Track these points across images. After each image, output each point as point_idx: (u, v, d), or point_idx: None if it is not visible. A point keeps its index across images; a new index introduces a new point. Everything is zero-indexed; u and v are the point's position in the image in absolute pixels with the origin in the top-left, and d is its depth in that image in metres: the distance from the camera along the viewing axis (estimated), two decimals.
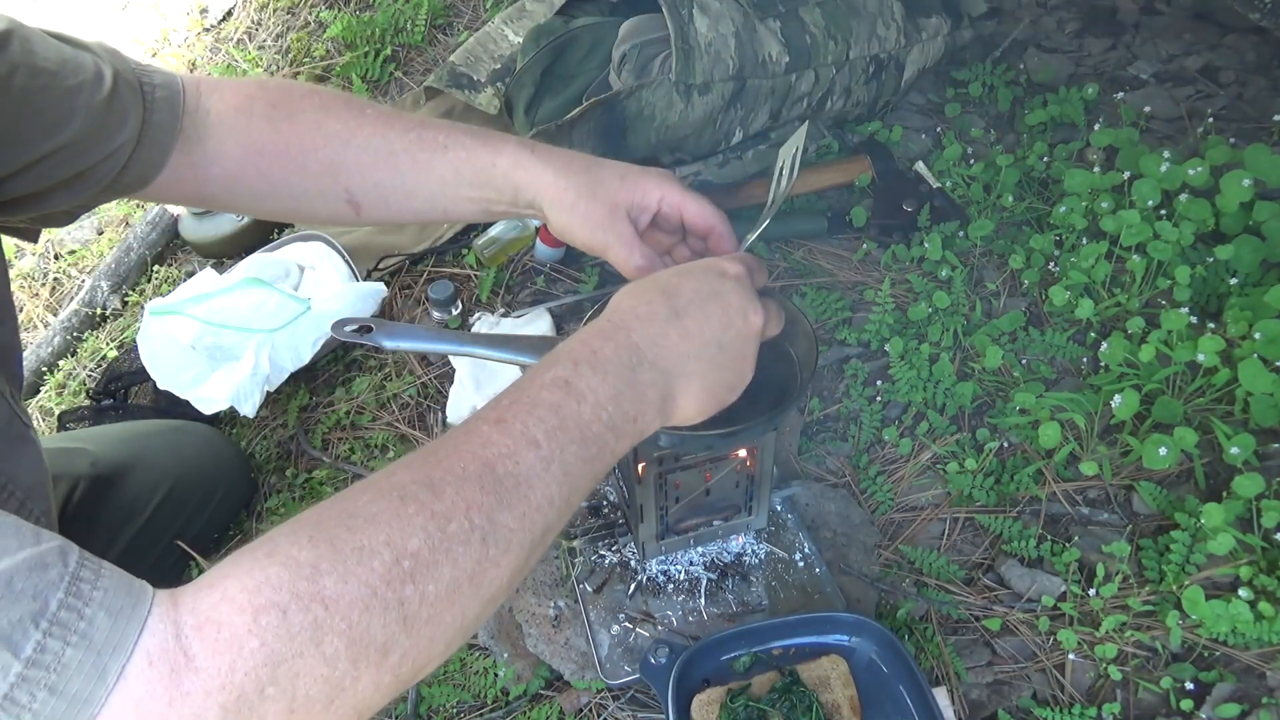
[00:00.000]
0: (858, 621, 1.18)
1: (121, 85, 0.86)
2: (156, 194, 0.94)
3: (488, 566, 0.59)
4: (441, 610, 0.57)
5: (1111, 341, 1.42)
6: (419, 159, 0.91)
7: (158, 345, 1.63)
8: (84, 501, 1.31)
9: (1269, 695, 1.14)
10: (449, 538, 0.58)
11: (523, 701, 1.24)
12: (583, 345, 0.69)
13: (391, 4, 2.44)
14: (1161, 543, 1.28)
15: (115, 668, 0.49)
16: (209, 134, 0.91)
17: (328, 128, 0.92)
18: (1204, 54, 1.99)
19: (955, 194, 1.80)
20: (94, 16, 2.97)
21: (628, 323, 0.72)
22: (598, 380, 0.67)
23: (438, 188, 0.92)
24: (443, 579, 0.57)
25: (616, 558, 1.34)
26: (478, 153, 0.91)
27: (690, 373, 0.73)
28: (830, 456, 1.47)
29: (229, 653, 0.51)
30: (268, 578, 0.53)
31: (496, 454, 0.62)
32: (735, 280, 0.77)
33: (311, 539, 0.55)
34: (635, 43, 1.66)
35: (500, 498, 0.60)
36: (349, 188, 0.93)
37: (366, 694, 0.56)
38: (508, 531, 0.60)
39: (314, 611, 0.53)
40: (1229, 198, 1.51)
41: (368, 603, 0.54)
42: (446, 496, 0.59)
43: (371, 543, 0.56)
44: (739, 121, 1.74)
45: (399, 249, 1.87)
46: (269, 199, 0.96)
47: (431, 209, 0.94)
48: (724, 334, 0.75)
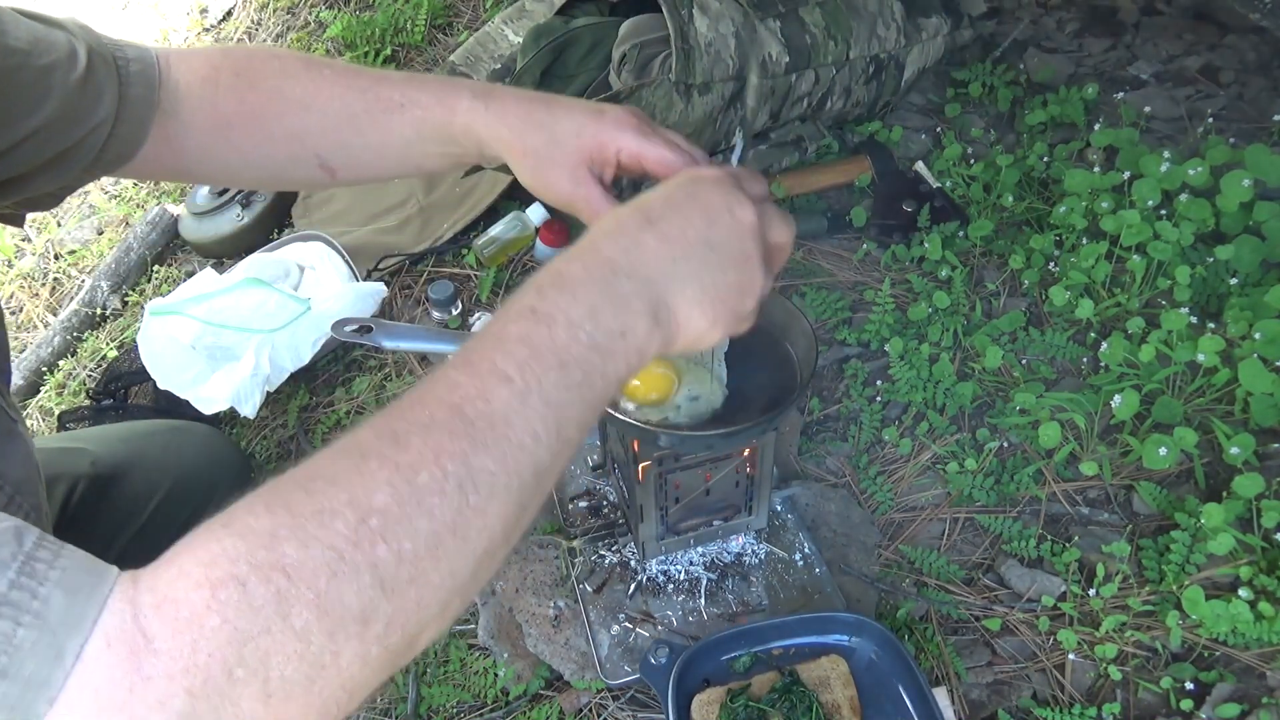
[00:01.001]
0: (858, 621, 1.18)
1: (96, 61, 0.85)
2: (139, 170, 0.92)
3: (471, 516, 0.54)
4: (425, 569, 0.53)
5: (1111, 341, 1.42)
6: (379, 120, 0.89)
7: (158, 345, 1.63)
8: (84, 501, 1.31)
9: (1269, 695, 1.14)
10: (419, 490, 0.53)
11: (523, 701, 1.24)
12: (547, 271, 0.63)
13: (391, 4, 2.44)
14: (1161, 543, 1.28)
15: (72, 648, 0.46)
16: (180, 106, 0.90)
17: (288, 93, 0.90)
18: (1204, 54, 1.99)
19: (955, 194, 1.80)
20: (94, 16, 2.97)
21: (596, 241, 0.65)
22: (567, 300, 0.60)
23: (403, 146, 0.90)
24: (419, 535, 0.52)
25: (616, 558, 1.34)
26: (433, 110, 0.88)
27: (681, 277, 0.65)
28: (830, 456, 1.46)
29: (189, 632, 0.47)
30: (224, 550, 0.49)
31: (464, 396, 0.56)
32: (712, 181, 0.69)
33: (268, 506, 0.52)
34: (635, 43, 1.66)
35: (474, 441, 0.55)
36: (318, 152, 0.92)
37: (353, 670, 0.51)
38: (489, 475, 0.55)
39: (276, 582, 0.49)
40: (1229, 198, 1.51)
41: (334, 568, 0.50)
42: (412, 447, 0.54)
43: (332, 504, 0.51)
44: (739, 121, 1.74)
45: (399, 249, 1.87)
46: (244, 169, 0.95)
47: (403, 165, 0.93)
48: (711, 232, 0.67)
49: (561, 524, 1.39)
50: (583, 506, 1.41)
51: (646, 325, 0.63)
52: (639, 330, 0.62)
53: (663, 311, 0.64)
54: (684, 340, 0.67)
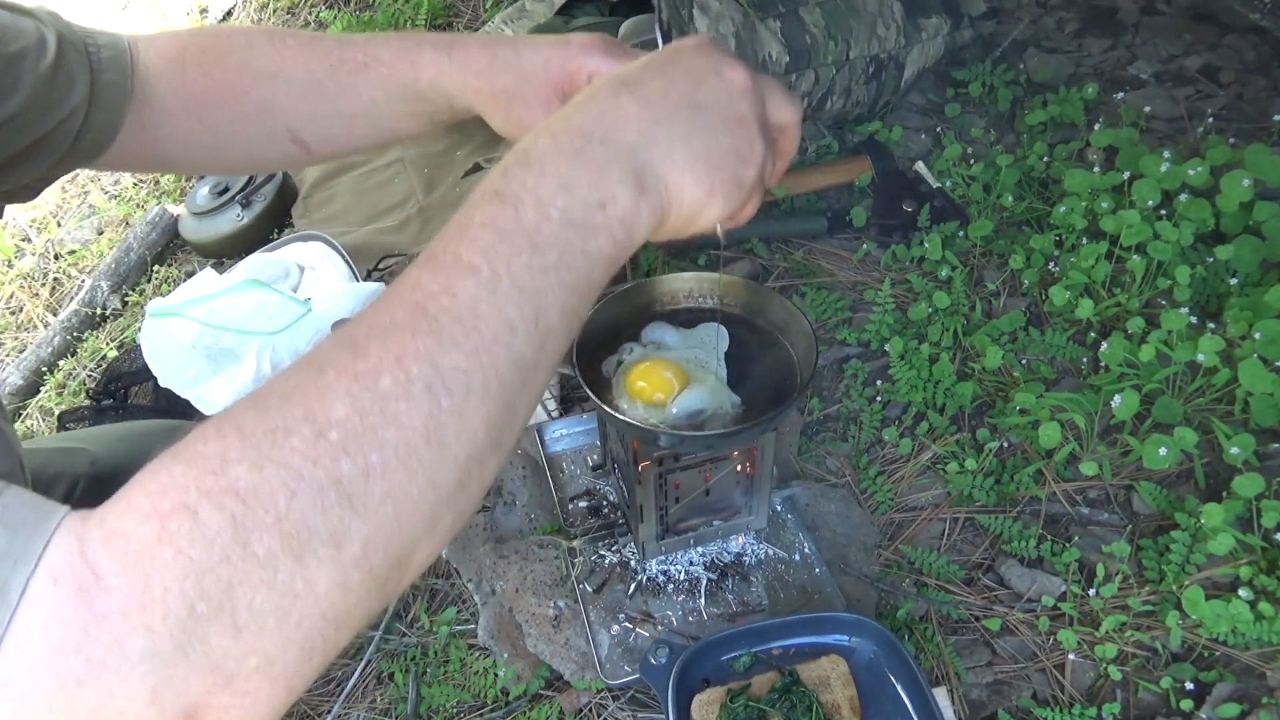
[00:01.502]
0: (858, 621, 1.18)
1: (67, 48, 0.83)
2: (116, 160, 0.91)
3: (446, 419, 0.50)
4: (399, 482, 0.48)
5: (1111, 341, 1.42)
6: (344, 83, 0.87)
7: (160, 343, 1.63)
8: (84, 501, 1.29)
9: (1269, 695, 1.14)
10: (382, 397, 0.48)
11: (523, 701, 1.24)
12: (514, 151, 0.57)
13: (391, 4, 2.44)
14: (1161, 543, 1.28)
15: (17, 583, 0.43)
16: (151, 90, 0.89)
17: (254, 66, 0.88)
18: (1204, 54, 1.99)
19: (955, 194, 1.80)
20: (94, 16, 2.97)
21: (566, 113, 0.58)
22: (534, 176, 0.55)
23: (371, 109, 0.87)
24: (387, 445, 0.48)
25: (616, 558, 1.34)
26: (397, 68, 0.85)
27: (666, 139, 0.59)
28: (830, 456, 1.46)
29: (139, 566, 0.44)
30: (172, 478, 0.47)
31: (427, 293, 0.52)
32: (695, 45, 0.63)
33: (218, 430, 0.48)
34: (635, 43, 1.66)
35: (440, 338, 0.50)
36: (289, 125, 0.90)
37: (333, 597, 0.47)
38: (461, 374, 0.50)
39: (229, 508, 0.45)
40: (1229, 198, 1.51)
41: (293, 487, 0.46)
42: (372, 353, 0.49)
43: (286, 420, 0.47)
44: None
45: (399, 249, 1.87)
46: (219, 151, 0.93)
47: (377, 132, 0.90)
48: (698, 92, 0.60)
49: (561, 524, 1.39)
50: (583, 506, 1.41)
51: (630, 194, 0.57)
52: (621, 200, 0.56)
53: (649, 178, 0.58)
54: (681, 212, 0.61)
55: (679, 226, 0.62)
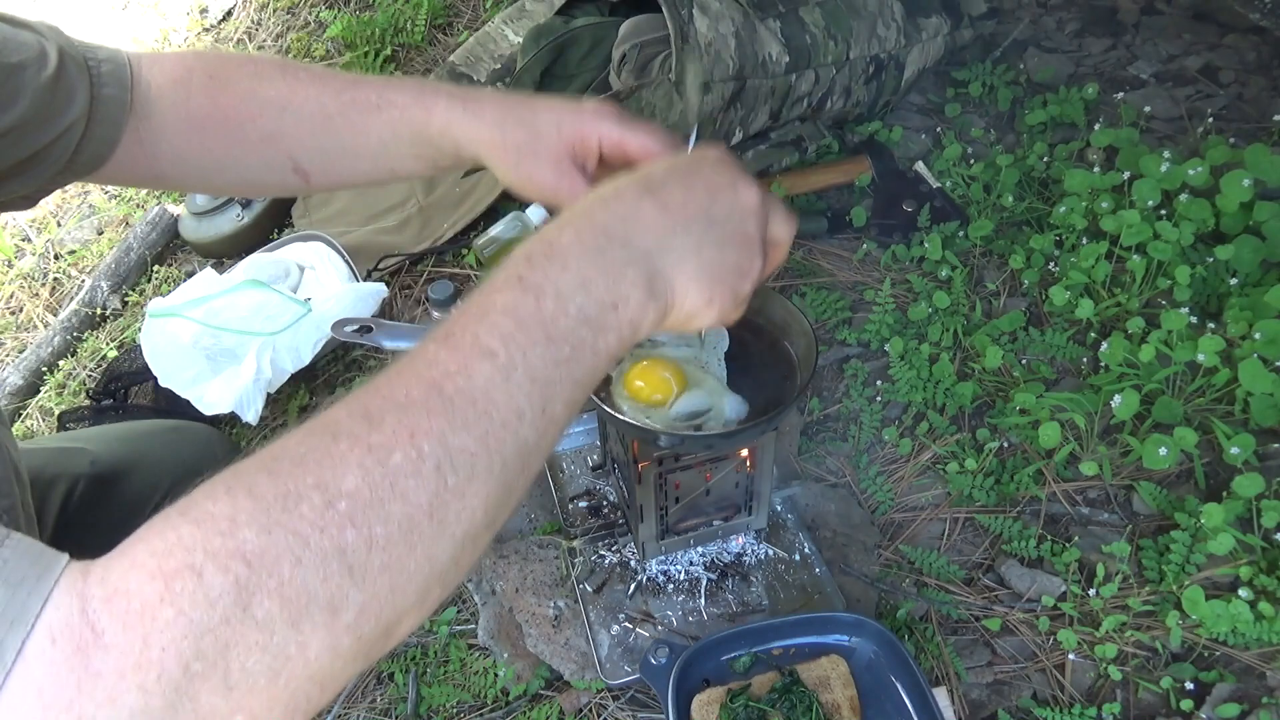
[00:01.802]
0: (858, 621, 1.18)
1: (67, 61, 0.84)
2: (114, 175, 0.91)
3: (450, 498, 0.51)
4: (399, 555, 0.50)
5: (1111, 341, 1.42)
6: (355, 121, 0.87)
7: (160, 343, 1.63)
8: (84, 501, 1.31)
9: (1269, 695, 1.14)
10: (392, 472, 0.50)
11: (523, 701, 1.24)
12: (538, 240, 0.59)
13: (391, 4, 2.44)
14: (1161, 543, 1.28)
15: (13, 644, 0.43)
16: (153, 109, 0.89)
17: (262, 95, 0.89)
18: (1204, 54, 1.99)
19: (955, 194, 1.80)
20: (94, 16, 2.97)
21: (590, 207, 0.61)
22: (557, 269, 0.57)
23: (379, 148, 0.88)
24: (392, 519, 0.49)
25: (616, 558, 1.34)
26: (410, 111, 0.86)
27: (680, 249, 0.62)
28: (830, 456, 1.46)
29: (140, 625, 0.44)
30: (180, 538, 0.47)
31: (444, 372, 0.53)
32: (717, 158, 0.66)
33: (228, 489, 0.49)
34: (635, 43, 1.66)
35: (453, 419, 0.52)
36: (293, 156, 0.90)
37: (322, 661, 0.48)
38: (469, 456, 0.52)
39: (234, 570, 0.46)
40: (1229, 198, 1.51)
41: (299, 554, 0.47)
42: (386, 426, 0.51)
43: (298, 486, 0.48)
44: (739, 121, 1.74)
45: (399, 249, 1.87)
46: (217, 174, 0.93)
47: (378, 169, 0.91)
48: (714, 207, 0.64)
49: (561, 524, 1.39)
50: (583, 506, 1.41)
51: (641, 297, 0.59)
52: (633, 302, 0.59)
53: (658, 283, 0.61)
54: (679, 316, 0.64)
55: (676, 325, 0.65)
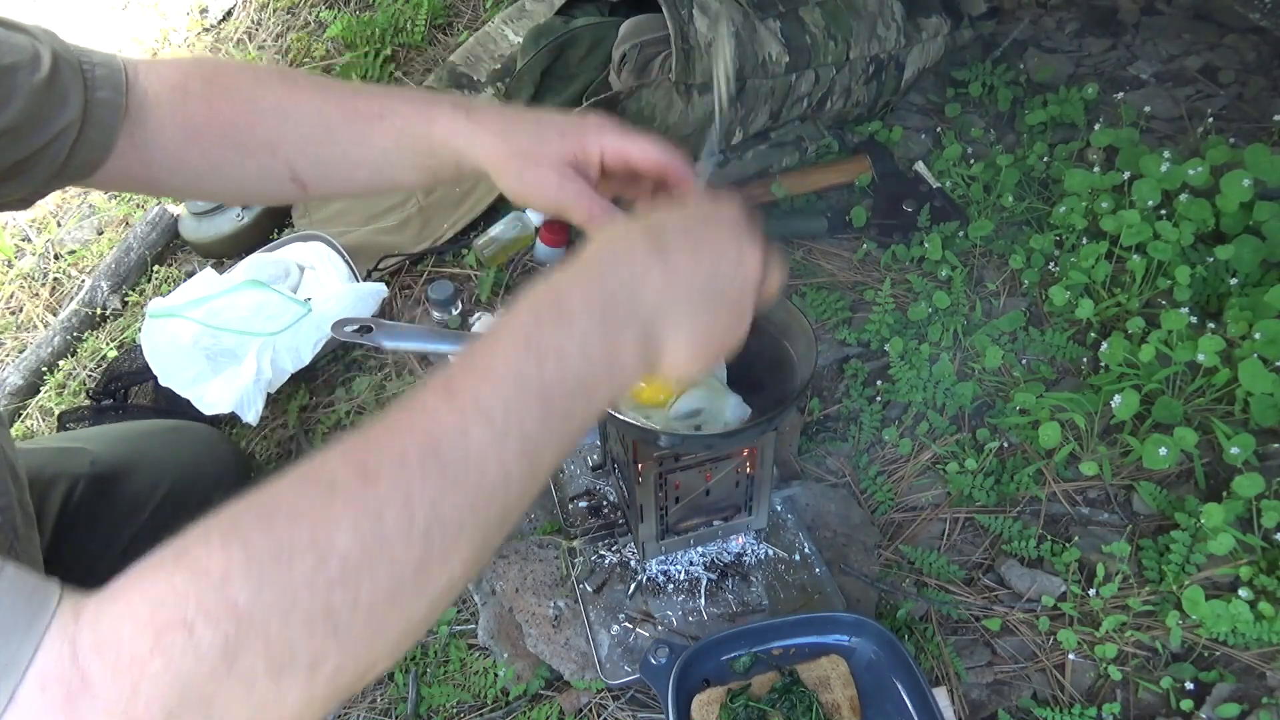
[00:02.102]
0: (858, 621, 1.18)
1: (62, 65, 0.84)
2: (108, 180, 0.91)
3: (434, 561, 0.53)
4: (382, 614, 0.51)
5: (1111, 341, 1.42)
6: (356, 130, 0.87)
7: (160, 343, 1.63)
8: (84, 501, 1.31)
9: (1269, 695, 1.14)
10: (385, 534, 0.51)
11: (523, 701, 1.24)
12: (548, 292, 0.60)
13: (391, 4, 2.44)
14: (1161, 543, 1.28)
15: (4, 691, 0.44)
16: (149, 114, 0.88)
17: (263, 103, 0.88)
18: (1204, 54, 1.99)
19: (955, 194, 1.80)
20: (94, 16, 2.97)
21: (602, 263, 0.63)
22: (563, 335, 0.58)
23: (379, 158, 0.88)
24: (379, 583, 0.51)
25: (616, 558, 1.34)
26: (413, 121, 0.86)
27: (678, 316, 0.64)
28: (830, 456, 1.46)
29: (129, 676, 0.46)
30: (173, 589, 0.47)
31: (442, 431, 0.54)
32: (730, 220, 0.68)
33: (224, 542, 0.50)
34: (635, 43, 1.66)
35: (446, 483, 0.53)
36: (291, 164, 0.90)
37: (296, 709, 0.50)
38: (457, 520, 0.53)
39: (224, 627, 0.47)
40: (1229, 198, 1.51)
41: (287, 613, 0.48)
42: (382, 485, 0.51)
43: (293, 542, 0.49)
44: (739, 121, 1.74)
45: (399, 249, 1.87)
46: (214, 180, 0.93)
47: (377, 179, 0.90)
48: (715, 277, 0.66)
49: (561, 524, 1.39)
50: (583, 506, 1.41)
51: (635, 359, 0.62)
52: (627, 364, 0.61)
53: (652, 345, 0.63)
54: (662, 372, 0.66)
55: (657, 376, 0.67)
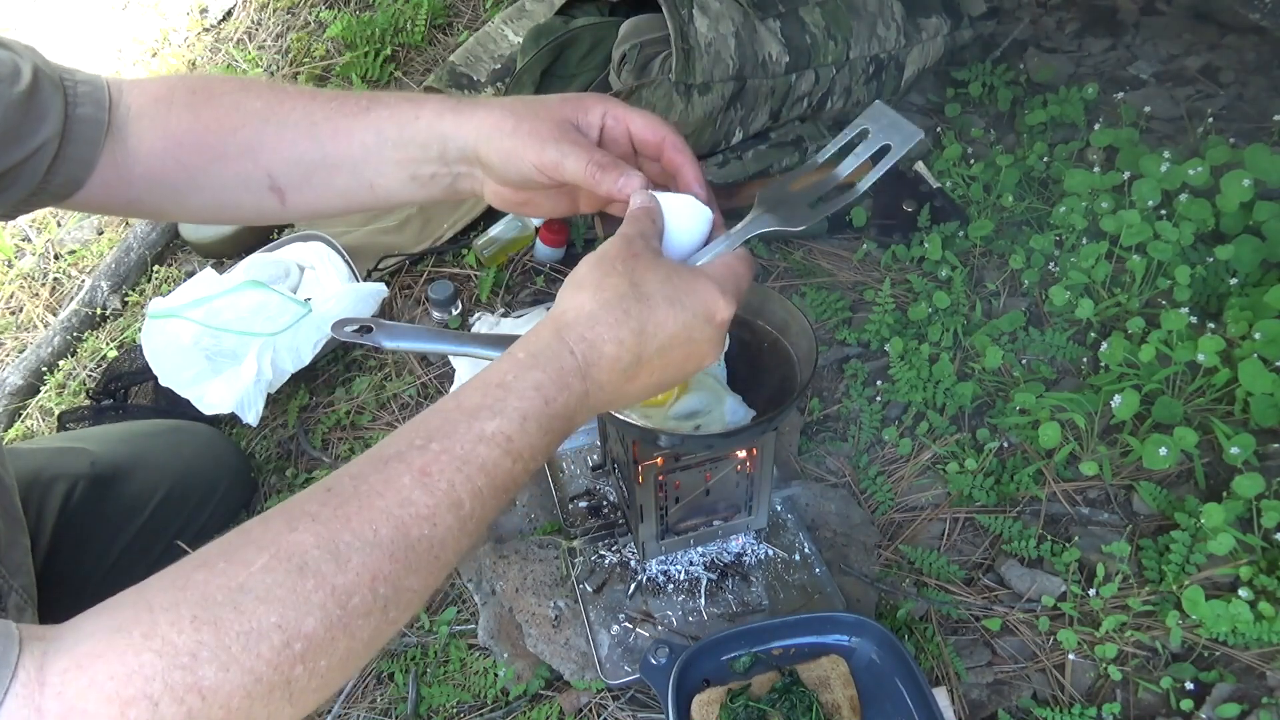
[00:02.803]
0: (858, 621, 1.18)
1: (42, 80, 0.84)
2: (89, 200, 0.90)
3: (386, 628, 0.57)
4: (336, 677, 0.55)
5: (1111, 341, 1.42)
6: (340, 125, 0.86)
7: (160, 344, 1.63)
8: (84, 501, 1.31)
9: (1269, 695, 1.14)
10: (349, 614, 0.54)
11: (523, 701, 1.24)
12: (537, 392, 0.64)
13: (391, 4, 2.44)
14: (1161, 543, 1.28)
15: None
16: (130, 130, 0.88)
17: (248, 106, 0.88)
18: (1204, 54, 1.99)
19: (955, 194, 1.80)
20: (94, 16, 2.97)
21: (589, 363, 0.66)
22: (540, 437, 0.63)
23: (360, 154, 0.87)
24: (336, 654, 0.54)
25: (616, 558, 1.34)
26: (400, 108, 0.85)
27: (641, 396, 0.73)
28: (830, 456, 1.46)
29: None
30: (140, 665, 0.49)
31: (414, 516, 0.58)
32: (718, 328, 0.71)
33: (194, 620, 0.51)
34: (635, 43, 1.66)
35: (410, 564, 0.57)
36: (270, 170, 0.88)
37: None
38: (411, 595, 0.58)
39: (188, 702, 0.49)
40: (1229, 198, 1.51)
41: (250, 690, 0.51)
42: (351, 568, 0.55)
43: (261, 625, 0.52)
44: (739, 121, 1.74)
45: (399, 249, 1.87)
46: (191, 193, 0.91)
47: (357, 183, 0.89)
48: (676, 374, 0.72)
49: (561, 524, 1.39)
50: (583, 506, 1.41)
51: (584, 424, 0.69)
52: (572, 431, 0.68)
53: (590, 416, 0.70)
54: None
55: None
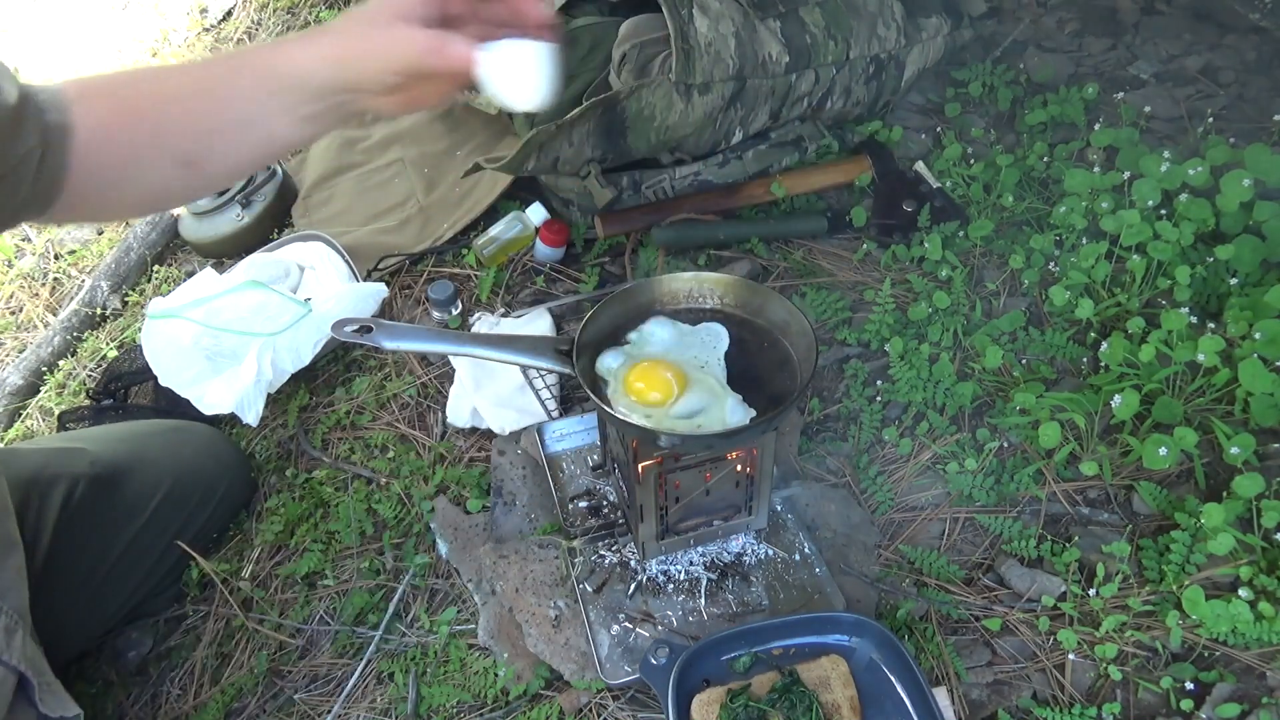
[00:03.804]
0: (858, 621, 1.18)
1: (23, 94, 0.86)
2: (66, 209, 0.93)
3: None
4: None
5: (1111, 341, 1.42)
6: (229, 86, 0.91)
7: (160, 344, 1.63)
8: (84, 501, 1.31)
9: (1269, 695, 1.14)
10: None
11: (523, 701, 1.24)
12: None
13: None
14: (1161, 543, 1.28)
15: None
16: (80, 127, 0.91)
17: (152, 91, 0.92)
18: (1204, 54, 1.99)
19: (955, 194, 1.80)
20: (94, 16, 2.97)
21: None
22: None
23: (252, 110, 0.91)
24: None
25: (616, 558, 1.34)
26: (265, 58, 0.91)
27: None
28: (830, 456, 1.46)
29: None
30: None
31: None
32: None
33: None
34: (635, 43, 1.66)
35: None
36: (180, 147, 0.93)
37: None
38: None
39: None
40: (1229, 198, 1.51)
41: None
42: None
43: None
44: (739, 121, 1.74)
45: (399, 249, 1.87)
46: (125, 188, 0.95)
47: (257, 136, 0.93)
48: None
49: (561, 524, 1.39)
50: (583, 506, 1.41)
51: None
52: None
53: None
54: None
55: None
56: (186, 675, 1.37)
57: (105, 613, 1.36)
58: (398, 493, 1.48)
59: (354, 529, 1.45)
